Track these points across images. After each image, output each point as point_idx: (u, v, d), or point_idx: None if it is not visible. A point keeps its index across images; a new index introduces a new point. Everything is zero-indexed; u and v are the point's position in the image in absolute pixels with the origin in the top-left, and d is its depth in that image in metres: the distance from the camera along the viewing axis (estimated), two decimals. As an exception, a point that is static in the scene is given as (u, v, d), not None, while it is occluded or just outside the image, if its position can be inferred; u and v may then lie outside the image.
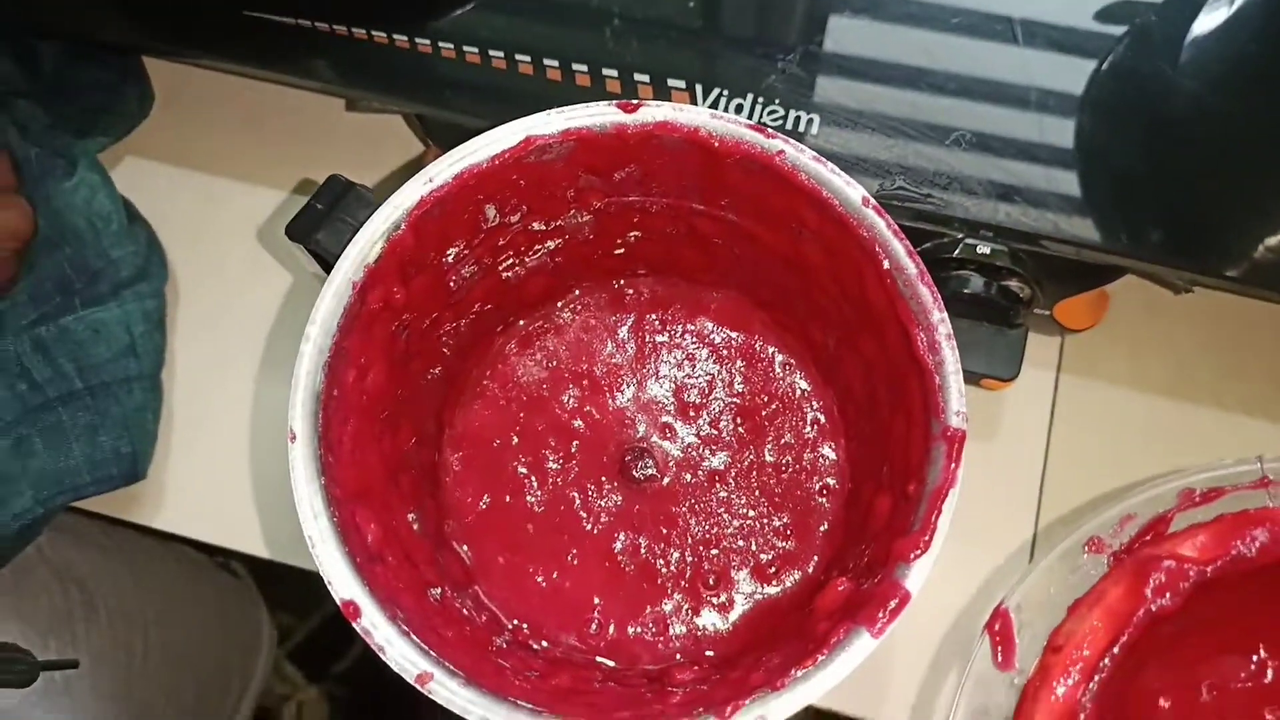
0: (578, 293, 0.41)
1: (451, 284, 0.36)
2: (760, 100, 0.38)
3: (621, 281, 0.41)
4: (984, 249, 0.37)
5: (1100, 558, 0.38)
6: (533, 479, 0.39)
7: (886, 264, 0.31)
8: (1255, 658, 0.40)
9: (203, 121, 0.49)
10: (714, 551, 0.38)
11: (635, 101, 0.33)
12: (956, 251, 0.37)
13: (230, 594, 0.64)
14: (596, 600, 0.38)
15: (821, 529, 0.38)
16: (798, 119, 0.37)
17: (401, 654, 0.28)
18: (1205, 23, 0.38)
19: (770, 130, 0.32)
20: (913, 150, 0.37)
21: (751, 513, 0.39)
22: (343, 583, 0.29)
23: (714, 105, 0.37)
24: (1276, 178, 0.36)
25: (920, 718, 0.40)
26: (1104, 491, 0.42)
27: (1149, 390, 0.44)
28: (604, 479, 0.39)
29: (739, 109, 0.37)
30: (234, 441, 0.44)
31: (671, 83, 0.38)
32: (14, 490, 0.40)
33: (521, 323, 0.41)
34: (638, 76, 0.38)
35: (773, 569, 0.38)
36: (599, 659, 0.37)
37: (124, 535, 0.53)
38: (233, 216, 0.47)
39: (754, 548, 0.38)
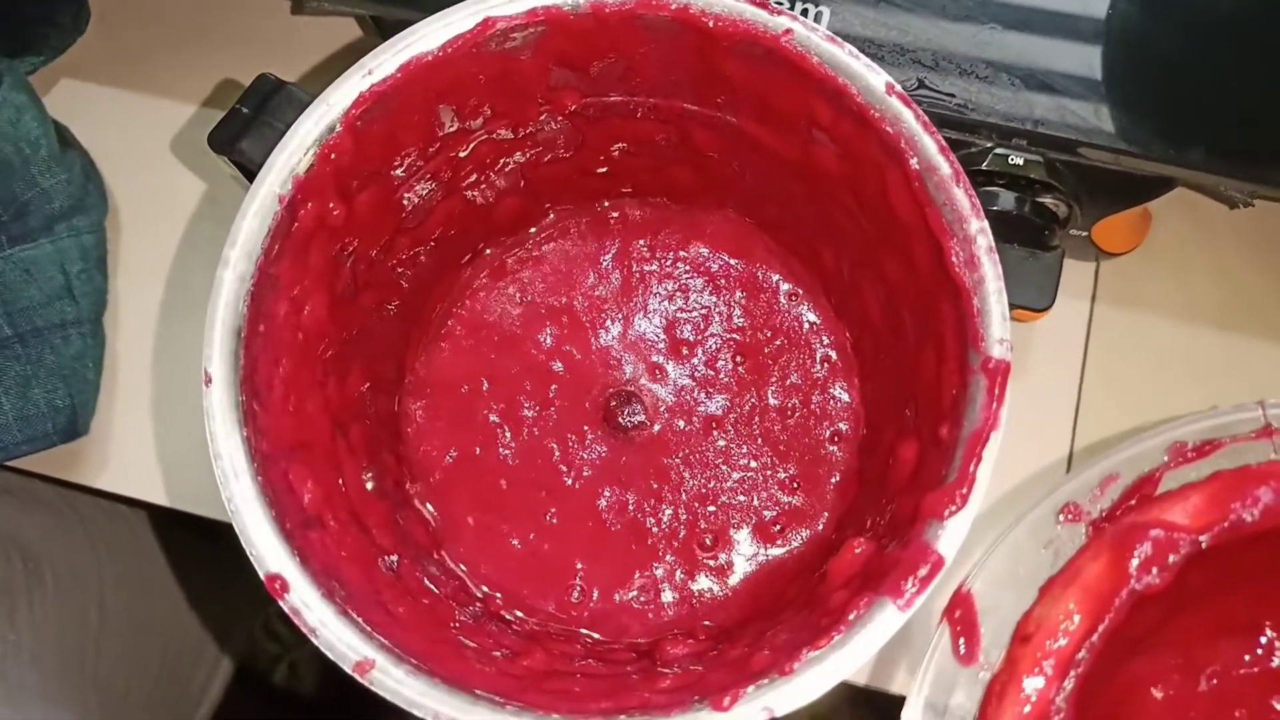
0: (554, 217, 0.37)
1: (405, 203, 0.31)
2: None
3: (605, 204, 0.37)
4: (1016, 159, 0.33)
5: (1078, 527, 0.33)
6: (506, 429, 0.35)
7: (915, 163, 0.27)
8: (1261, 639, 0.35)
9: (144, 36, 0.45)
10: (711, 508, 0.35)
11: (613, -25, 0.28)
12: (985, 163, 0.33)
13: (208, 553, 0.60)
14: (579, 564, 0.34)
15: (833, 481, 0.34)
16: (804, 10, 0.33)
17: (337, 637, 0.24)
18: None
19: (775, 6, 0.27)
20: (936, 40, 0.33)
21: (753, 464, 0.35)
22: (269, 552, 0.25)
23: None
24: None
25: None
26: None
27: (1195, 320, 0.40)
28: (586, 428, 0.35)
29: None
30: (186, 392, 0.40)
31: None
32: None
33: (490, 252, 0.37)
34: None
35: (777, 527, 0.34)
36: (582, 630, 0.33)
37: (81, 495, 0.49)
38: (182, 143, 0.43)
39: (756, 503, 0.34)
